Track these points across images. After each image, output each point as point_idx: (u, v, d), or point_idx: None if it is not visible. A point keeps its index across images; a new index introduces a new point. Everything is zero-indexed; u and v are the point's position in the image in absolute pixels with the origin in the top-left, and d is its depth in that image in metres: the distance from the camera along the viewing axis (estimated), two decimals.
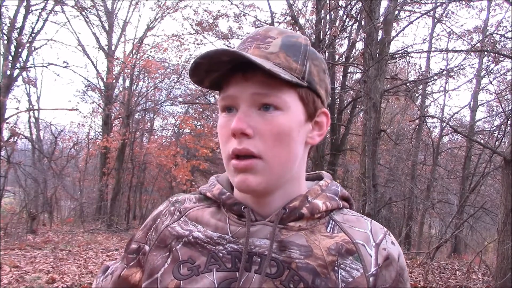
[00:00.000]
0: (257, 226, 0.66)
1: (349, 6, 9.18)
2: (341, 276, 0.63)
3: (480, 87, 10.99)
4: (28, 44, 11.37)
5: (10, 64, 10.53)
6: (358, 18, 9.35)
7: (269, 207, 0.67)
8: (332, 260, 0.64)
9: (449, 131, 11.22)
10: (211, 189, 0.73)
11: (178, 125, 16.13)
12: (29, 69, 12.20)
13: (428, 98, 11.56)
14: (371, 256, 0.66)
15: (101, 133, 15.34)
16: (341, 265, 0.64)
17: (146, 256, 0.72)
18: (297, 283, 0.62)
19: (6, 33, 10.49)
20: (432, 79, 9.75)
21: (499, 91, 8.41)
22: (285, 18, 10.83)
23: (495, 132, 8.16)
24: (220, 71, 0.63)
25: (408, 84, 8.76)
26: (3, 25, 10.45)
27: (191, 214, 0.72)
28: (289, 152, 0.64)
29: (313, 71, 0.67)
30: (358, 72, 11.25)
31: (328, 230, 0.67)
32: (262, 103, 0.62)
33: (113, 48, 15.11)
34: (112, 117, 15.37)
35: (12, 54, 10.69)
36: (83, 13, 13.61)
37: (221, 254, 0.65)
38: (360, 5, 7.79)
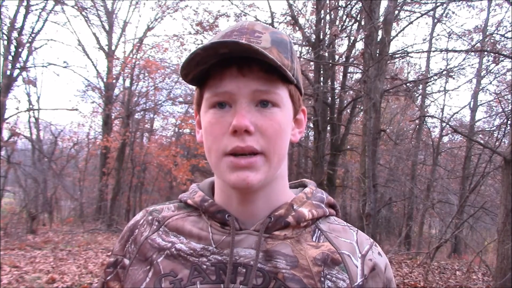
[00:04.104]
0: (241, 235, 0.64)
1: (349, 6, 9.19)
2: (328, 287, 0.62)
3: (480, 87, 10.97)
4: (28, 44, 11.37)
5: (10, 64, 10.53)
6: (358, 18, 9.36)
7: (253, 215, 0.65)
8: (318, 271, 0.62)
9: (449, 131, 11.22)
10: (192, 196, 0.71)
11: (178, 125, 16.15)
12: (29, 69, 12.22)
13: (428, 98, 11.55)
14: (357, 267, 0.64)
15: (101, 133, 15.35)
16: (327, 276, 0.62)
17: (126, 270, 0.69)
18: None
19: (6, 33, 10.49)
20: (432, 79, 9.75)
21: (499, 91, 8.42)
22: (285, 18, 10.84)
23: (495, 132, 8.16)
24: (208, 64, 0.61)
25: (408, 84, 8.76)
26: (3, 25, 10.45)
27: (171, 224, 0.69)
28: (285, 149, 0.65)
29: (298, 69, 0.67)
30: (358, 72, 11.26)
31: (313, 239, 0.66)
32: (260, 100, 0.61)
33: (113, 48, 15.12)
34: (112, 117, 15.38)
35: (12, 54, 10.68)
36: (83, 13, 13.62)
37: (204, 266, 0.63)
38: (360, 5, 7.79)
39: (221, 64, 0.61)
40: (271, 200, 0.66)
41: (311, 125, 11.10)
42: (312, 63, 10.14)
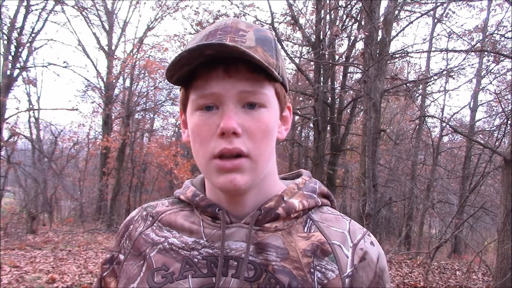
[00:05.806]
0: (232, 229, 0.64)
1: (349, 6, 9.19)
2: (317, 278, 0.61)
3: (480, 87, 10.97)
4: (28, 44, 11.37)
5: (10, 64, 10.53)
6: (358, 18, 9.36)
7: (243, 208, 0.66)
8: (308, 262, 0.62)
9: (449, 131, 11.21)
10: (185, 191, 0.72)
11: (178, 125, 16.14)
12: (29, 69, 12.21)
13: (428, 98, 11.54)
14: (348, 257, 0.64)
15: (101, 133, 15.35)
16: (317, 267, 0.62)
17: (121, 265, 0.70)
18: (273, 285, 0.60)
19: (6, 33, 10.49)
20: (432, 79, 9.73)
21: (499, 91, 8.40)
22: (285, 18, 10.83)
23: (495, 132, 8.16)
24: (192, 65, 0.60)
25: (408, 84, 8.75)
26: (3, 25, 10.45)
27: (164, 219, 0.70)
28: (272, 149, 0.65)
29: (282, 66, 0.67)
30: (358, 72, 11.25)
31: (305, 230, 0.65)
32: (248, 102, 0.61)
33: (113, 48, 15.13)
34: (112, 117, 15.38)
35: (12, 54, 10.69)
36: (83, 13, 13.63)
37: (196, 260, 0.63)
38: (360, 5, 7.80)
39: (206, 65, 0.60)
40: (261, 195, 0.66)
41: (311, 125, 11.10)
42: (312, 63, 10.14)
